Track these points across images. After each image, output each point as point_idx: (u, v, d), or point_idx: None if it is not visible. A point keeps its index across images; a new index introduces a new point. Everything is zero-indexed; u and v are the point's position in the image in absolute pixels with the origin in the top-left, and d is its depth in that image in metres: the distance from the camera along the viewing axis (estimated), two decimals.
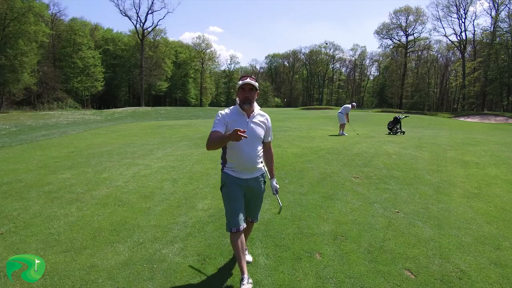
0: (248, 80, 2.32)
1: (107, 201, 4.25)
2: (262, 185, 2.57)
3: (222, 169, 2.52)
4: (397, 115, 13.63)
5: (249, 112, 2.42)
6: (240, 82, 2.34)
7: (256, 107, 2.48)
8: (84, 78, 44.13)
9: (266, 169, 2.64)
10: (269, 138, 2.59)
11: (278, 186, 2.65)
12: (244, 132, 2.01)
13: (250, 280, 2.34)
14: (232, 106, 2.48)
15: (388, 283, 2.49)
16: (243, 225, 2.40)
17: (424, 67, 60.26)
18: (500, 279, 2.56)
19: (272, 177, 2.65)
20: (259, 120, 2.46)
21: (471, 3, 48.17)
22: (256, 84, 2.36)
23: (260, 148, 2.47)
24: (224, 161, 2.50)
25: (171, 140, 9.69)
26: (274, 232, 3.34)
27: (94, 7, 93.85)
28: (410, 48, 57.21)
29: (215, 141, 2.24)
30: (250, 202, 2.58)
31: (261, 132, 2.45)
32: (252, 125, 2.40)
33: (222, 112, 2.42)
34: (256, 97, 2.42)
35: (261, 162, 2.53)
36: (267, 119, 2.53)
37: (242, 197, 2.45)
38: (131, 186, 4.89)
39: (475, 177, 5.47)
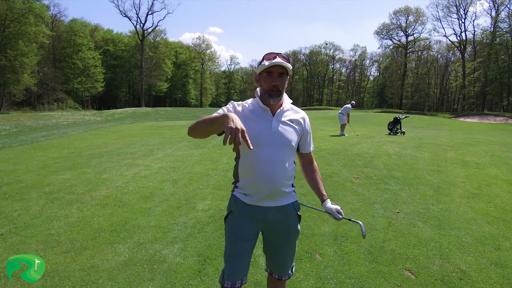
0: (278, 59, 1.51)
1: (107, 202, 4.25)
2: (293, 221, 1.72)
3: (232, 191, 1.74)
4: (397, 115, 13.62)
5: (275, 107, 1.63)
6: (266, 62, 1.53)
7: (286, 100, 1.69)
8: (84, 79, 44.17)
9: (314, 190, 1.86)
10: (310, 148, 1.81)
11: (337, 206, 1.74)
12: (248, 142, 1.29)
13: None
14: (251, 99, 1.71)
15: (388, 283, 2.49)
16: (243, 280, 1.64)
17: (424, 67, 60.28)
18: (501, 279, 2.55)
19: (324, 198, 1.78)
20: (289, 120, 1.64)
21: (471, 4, 48.38)
22: (290, 66, 1.56)
23: (291, 161, 1.66)
24: (236, 179, 1.72)
25: (171, 141, 9.69)
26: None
27: (94, 8, 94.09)
28: (410, 48, 57.28)
29: (201, 122, 1.47)
30: (274, 247, 1.75)
31: (292, 137, 1.62)
32: (278, 126, 1.60)
33: (237, 103, 1.66)
34: (286, 86, 1.63)
35: (292, 185, 1.72)
36: (303, 119, 1.71)
37: (253, 236, 1.66)
38: (131, 187, 4.89)
39: (476, 177, 5.47)
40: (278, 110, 1.63)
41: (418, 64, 61.24)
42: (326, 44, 73.64)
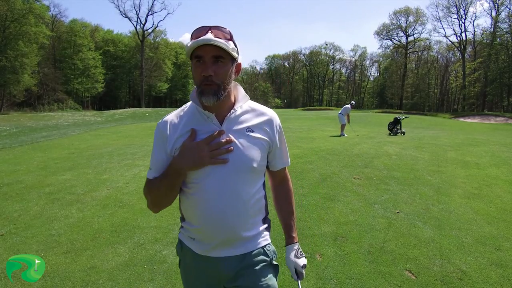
0: (209, 36, 0.99)
1: (108, 202, 4.25)
2: (265, 275, 1.16)
3: (180, 228, 1.25)
4: (397, 115, 13.64)
5: (222, 111, 1.10)
6: (191, 42, 1.01)
7: (241, 97, 1.15)
8: (84, 79, 44.21)
9: (282, 224, 1.31)
10: (285, 162, 1.27)
11: (304, 261, 1.28)
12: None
13: None
14: (187, 104, 1.18)
15: (388, 284, 2.49)
16: None
17: (424, 67, 60.30)
18: (501, 279, 2.55)
19: (291, 241, 1.28)
20: (248, 128, 1.11)
21: (471, 4, 48.42)
22: (230, 45, 1.02)
23: (256, 189, 1.13)
24: (182, 215, 1.21)
25: None
26: (274, 233, 3.33)
27: (95, 9, 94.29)
28: (410, 48, 57.28)
29: (153, 194, 1.11)
30: None
31: (254, 154, 1.10)
32: (233, 139, 1.08)
33: (165, 121, 1.13)
34: (235, 76, 1.11)
35: (264, 220, 1.21)
36: (270, 122, 1.16)
37: None
38: (132, 187, 4.89)
39: (476, 177, 5.47)
40: (228, 115, 1.09)
41: (418, 65, 61.25)
42: (326, 44, 73.78)
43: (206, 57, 1.01)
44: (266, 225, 1.22)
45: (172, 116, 1.14)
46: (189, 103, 1.17)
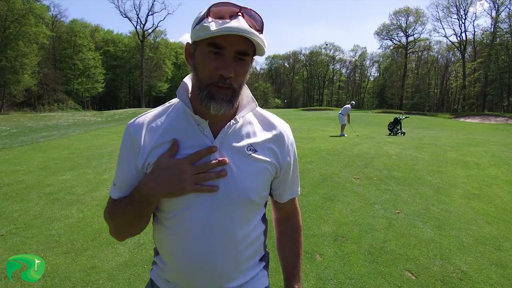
0: (242, 24, 0.68)
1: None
2: None
3: (153, 264, 0.95)
4: (397, 116, 13.65)
5: (217, 117, 0.78)
6: (214, 24, 0.68)
7: (247, 102, 0.86)
8: (84, 80, 44.24)
9: (283, 269, 1.07)
10: (294, 192, 0.98)
11: None
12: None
13: None
14: (171, 101, 0.88)
15: (388, 284, 2.49)
16: None
17: (424, 67, 60.34)
18: (501, 280, 2.55)
19: (292, 284, 1.01)
20: (250, 146, 0.82)
21: (471, 4, 48.45)
22: (263, 41, 0.73)
23: (253, 225, 0.87)
24: (155, 251, 0.93)
25: None
26: (274, 234, 3.33)
27: (95, 9, 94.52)
28: (410, 49, 57.34)
29: (116, 221, 0.86)
30: None
31: (255, 183, 0.82)
32: (228, 160, 0.78)
33: (140, 122, 0.82)
34: (248, 75, 0.78)
35: (260, 261, 0.97)
36: (281, 139, 0.87)
37: None
38: None
39: (476, 177, 5.47)
40: (226, 126, 0.80)
41: (418, 65, 61.28)
42: (326, 44, 73.82)
43: (230, 50, 0.72)
44: (263, 264, 0.98)
45: (149, 116, 0.83)
46: (174, 100, 0.86)
